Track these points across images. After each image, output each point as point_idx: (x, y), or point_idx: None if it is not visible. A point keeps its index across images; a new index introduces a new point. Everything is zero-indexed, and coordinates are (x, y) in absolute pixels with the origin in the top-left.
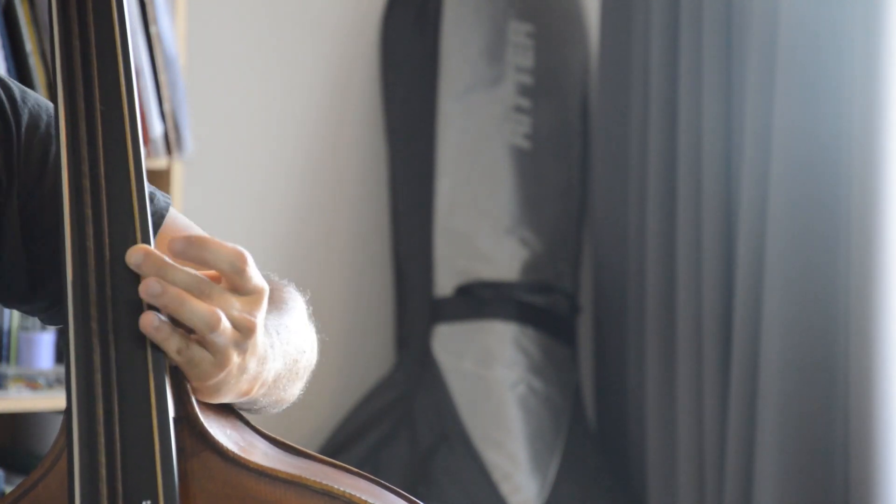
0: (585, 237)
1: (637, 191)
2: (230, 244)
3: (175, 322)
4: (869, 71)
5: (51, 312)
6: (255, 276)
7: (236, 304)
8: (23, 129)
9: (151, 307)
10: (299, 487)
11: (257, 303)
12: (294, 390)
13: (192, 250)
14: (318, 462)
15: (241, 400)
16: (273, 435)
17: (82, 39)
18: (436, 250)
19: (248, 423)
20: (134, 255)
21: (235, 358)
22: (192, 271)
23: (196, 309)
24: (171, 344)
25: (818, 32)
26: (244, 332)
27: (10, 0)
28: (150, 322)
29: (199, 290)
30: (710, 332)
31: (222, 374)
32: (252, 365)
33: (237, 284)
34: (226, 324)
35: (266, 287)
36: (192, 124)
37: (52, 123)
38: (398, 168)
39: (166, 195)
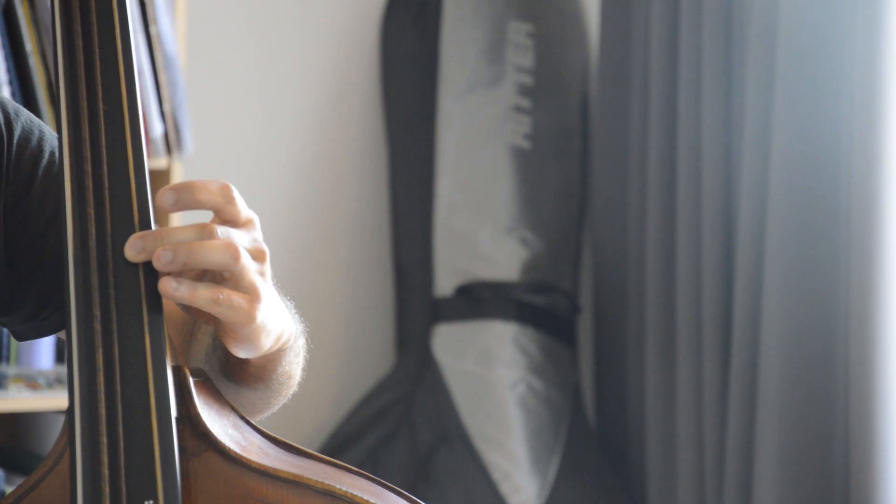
0: (585, 237)
1: (637, 191)
2: (210, 180)
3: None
4: (869, 70)
5: (30, 324)
6: (244, 204)
7: (240, 234)
8: (14, 141)
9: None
10: (301, 487)
11: (256, 228)
12: (297, 373)
13: (183, 195)
14: (320, 462)
15: (274, 349)
16: (274, 434)
17: (85, 38)
18: (436, 250)
19: (249, 423)
20: (133, 244)
21: (262, 286)
22: (189, 225)
23: (212, 248)
24: (202, 297)
25: (818, 32)
26: (258, 256)
27: (10, 0)
28: (168, 285)
29: (203, 237)
30: (710, 331)
31: (260, 307)
32: (274, 299)
33: (232, 214)
34: (244, 251)
35: (255, 216)
36: (192, 124)
37: (44, 139)
38: (398, 168)
39: None
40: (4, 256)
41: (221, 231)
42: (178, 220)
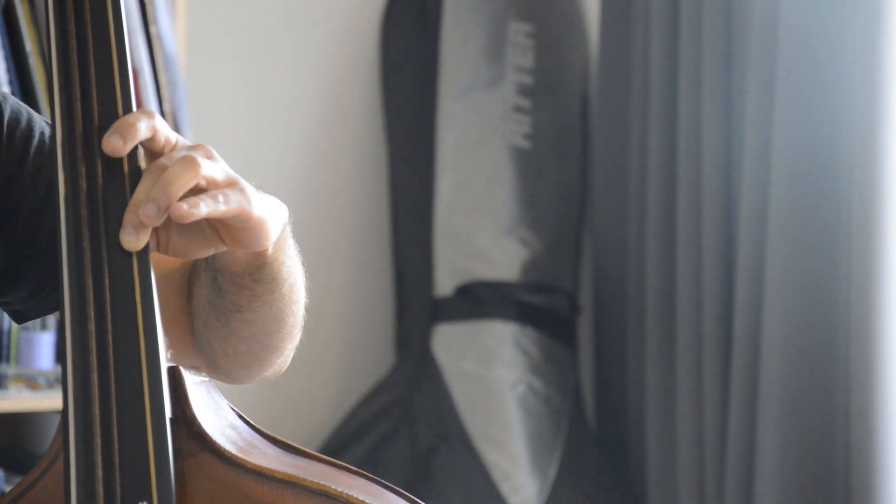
0: (585, 237)
1: (637, 191)
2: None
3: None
4: (869, 71)
5: (32, 303)
6: (164, 130)
7: (181, 152)
8: (4, 123)
9: (146, 297)
10: (296, 488)
11: (181, 139)
12: (300, 286)
13: (131, 142)
14: (319, 462)
15: (280, 235)
16: (273, 434)
17: (79, 39)
18: (436, 250)
19: (248, 422)
20: (128, 233)
21: (235, 175)
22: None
23: (174, 174)
24: (205, 207)
25: (818, 33)
26: (203, 151)
27: (10, 0)
28: (181, 208)
29: (160, 173)
30: (711, 332)
31: (246, 187)
32: (257, 193)
33: (156, 144)
34: (198, 156)
35: (178, 137)
36: (192, 124)
37: (33, 120)
38: (398, 168)
39: None
40: (1, 237)
41: (166, 160)
42: None
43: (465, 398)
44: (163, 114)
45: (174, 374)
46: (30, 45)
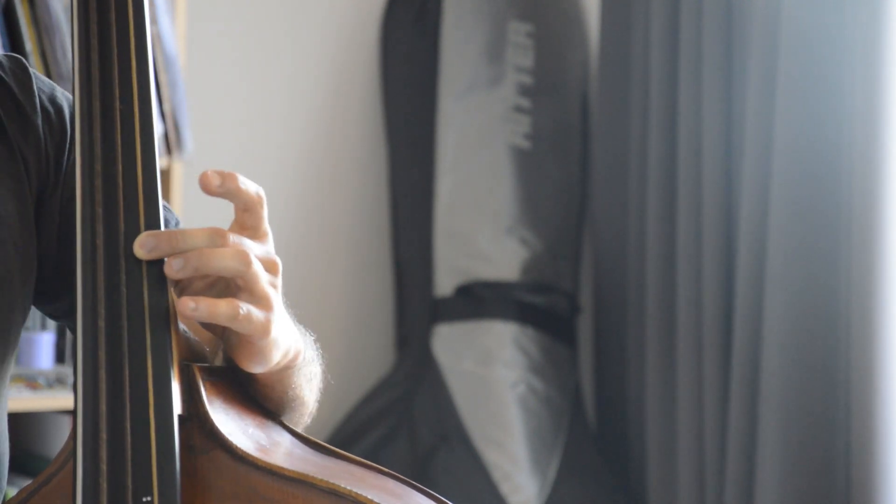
0: (585, 237)
1: (637, 191)
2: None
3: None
4: (870, 73)
5: (74, 317)
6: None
7: (253, 243)
8: (66, 119)
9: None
10: (305, 485)
11: (270, 242)
12: (309, 399)
13: (228, 182)
14: (349, 462)
15: (282, 364)
16: (307, 435)
17: (101, 38)
18: (436, 250)
19: (279, 423)
20: (144, 241)
21: (274, 296)
22: (202, 229)
23: (223, 256)
24: (223, 314)
25: (819, 33)
26: (271, 267)
27: (10, 0)
28: (186, 306)
29: (215, 243)
30: (711, 332)
31: (273, 317)
32: (284, 312)
33: (255, 221)
34: (255, 258)
35: (269, 231)
36: (192, 124)
37: None
38: (398, 168)
39: (175, 216)
40: (57, 241)
41: (233, 238)
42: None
43: (465, 398)
44: (163, 114)
45: (188, 372)
46: (30, 45)
